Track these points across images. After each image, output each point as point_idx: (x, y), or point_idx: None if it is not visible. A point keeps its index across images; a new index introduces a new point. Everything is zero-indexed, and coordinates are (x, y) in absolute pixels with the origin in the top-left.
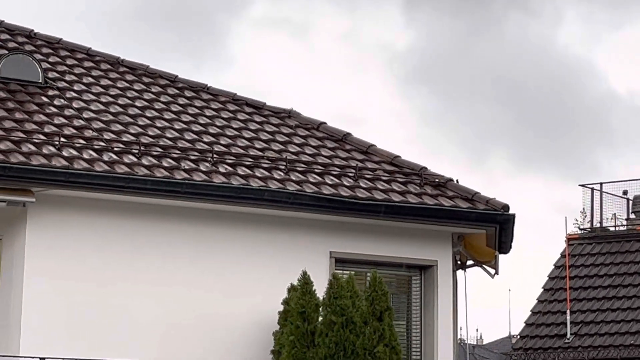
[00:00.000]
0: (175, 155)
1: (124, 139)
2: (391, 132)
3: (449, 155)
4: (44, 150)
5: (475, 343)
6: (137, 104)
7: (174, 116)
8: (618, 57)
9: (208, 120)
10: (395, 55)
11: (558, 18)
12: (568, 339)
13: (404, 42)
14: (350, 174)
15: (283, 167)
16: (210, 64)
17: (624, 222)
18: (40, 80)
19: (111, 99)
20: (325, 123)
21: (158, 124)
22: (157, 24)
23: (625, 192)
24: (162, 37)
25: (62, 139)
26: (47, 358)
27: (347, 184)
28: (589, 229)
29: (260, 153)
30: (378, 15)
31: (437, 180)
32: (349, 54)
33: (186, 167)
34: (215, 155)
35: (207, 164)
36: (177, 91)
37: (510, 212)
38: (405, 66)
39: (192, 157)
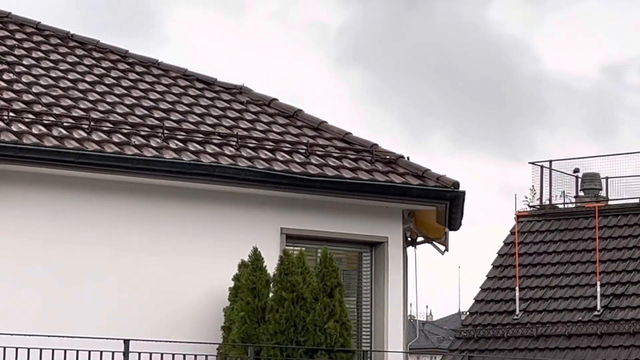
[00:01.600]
0: (125, 131)
1: (74, 114)
2: (329, 111)
3: (388, 134)
4: None
5: (425, 319)
6: (87, 79)
7: (124, 91)
8: (552, 37)
9: (159, 96)
10: (329, 34)
11: None
12: (517, 315)
13: (337, 21)
14: (302, 151)
15: (234, 143)
16: (146, 43)
17: (573, 200)
18: None
19: (61, 74)
20: (276, 99)
21: (108, 99)
22: (91, 3)
23: (576, 170)
24: (96, 15)
25: (11, 114)
26: None
27: (298, 161)
28: (538, 207)
29: (211, 129)
30: None
31: (388, 157)
32: (282, 33)
33: (136, 142)
34: (165, 131)
35: (158, 140)
36: (128, 66)
37: (460, 189)
38: (339, 45)
39: (143, 133)
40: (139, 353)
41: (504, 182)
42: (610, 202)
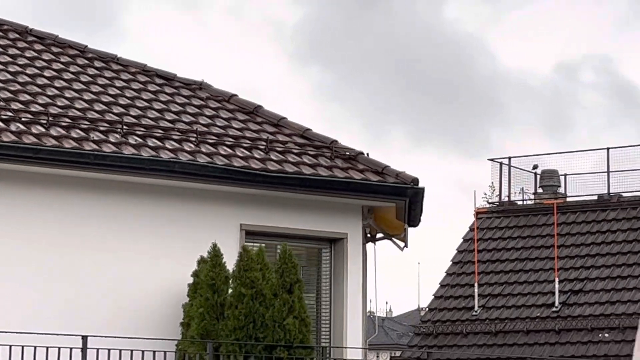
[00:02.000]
0: (84, 126)
1: (32, 109)
2: (287, 107)
3: (346, 131)
4: None
5: (384, 315)
6: (46, 74)
7: (83, 87)
8: (508, 35)
9: (118, 91)
10: (285, 30)
11: None
12: (476, 311)
13: (293, 17)
14: (261, 147)
15: (194, 139)
16: (102, 38)
17: (532, 196)
18: None
19: (19, 69)
20: (236, 95)
21: (67, 95)
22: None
23: (535, 167)
24: (50, 9)
25: None
26: None
27: (258, 157)
28: (497, 203)
29: (170, 125)
30: None
31: (347, 153)
32: (238, 29)
33: (95, 138)
34: (125, 127)
35: (117, 135)
36: (87, 61)
37: (420, 185)
38: (296, 42)
39: (102, 128)
40: (97, 349)
41: (462, 179)
42: (568, 199)
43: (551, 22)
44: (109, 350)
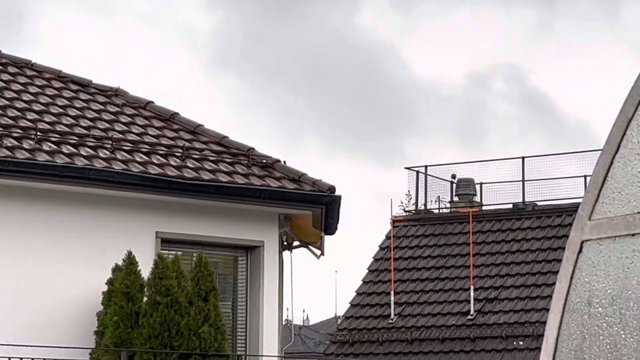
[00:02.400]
0: None
1: None
2: (202, 115)
3: (262, 139)
4: None
5: (301, 324)
6: None
7: None
8: (421, 44)
9: (32, 97)
10: (199, 37)
11: (356, 4)
12: (392, 319)
13: (206, 24)
14: (178, 154)
15: (109, 146)
16: (11, 45)
17: (448, 205)
18: None
19: None
20: (152, 102)
21: None
22: None
23: (453, 176)
24: None
25: None
26: None
27: (174, 164)
28: (414, 211)
29: (85, 131)
30: None
31: (264, 161)
32: (151, 35)
33: (8, 144)
34: (39, 133)
35: (31, 142)
36: (0, 67)
37: (336, 193)
38: (210, 49)
39: (15, 135)
40: (9, 358)
41: (376, 188)
42: (484, 208)
43: (463, 32)
44: (20, 359)
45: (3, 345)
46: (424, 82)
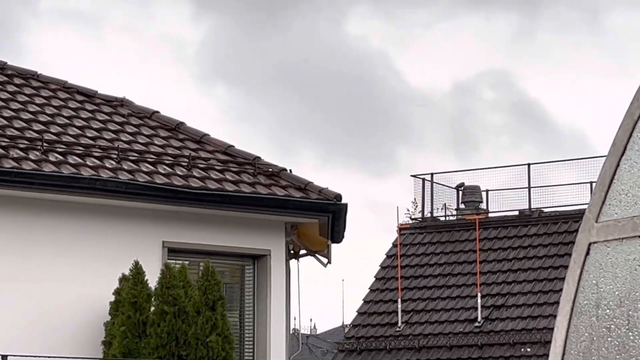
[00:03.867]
0: (3, 144)
1: None
2: (195, 127)
3: (256, 151)
4: None
5: (309, 332)
6: None
7: (2, 104)
8: (411, 53)
9: (38, 108)
10: (186, 50)
11: (342, 13)
12: (399, 327)
13: (194, 36)
14: (184, 163)
15: (115, 156)
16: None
17: (454, 212)
18: None
19: None
20: (158, 112)
21: None
22: None
23: (461, 185)
24: None
25: None
26: None
27: (181, 174)
28: (420, 219)
29: (91, 142)
30: (168, 9)
31: (270, 169)
32: (139, 47)
33: (15, 155)
34: (45, 144)
35: (37, 153)
36: (6, 78)
37: (343, 201)
38: (200, 62)
39: (22, 146)
40: None
41: (369, 197)
42: (490, 215)
43: (447, 40)
44: None
45: (11, 355)
46: (414, 91)
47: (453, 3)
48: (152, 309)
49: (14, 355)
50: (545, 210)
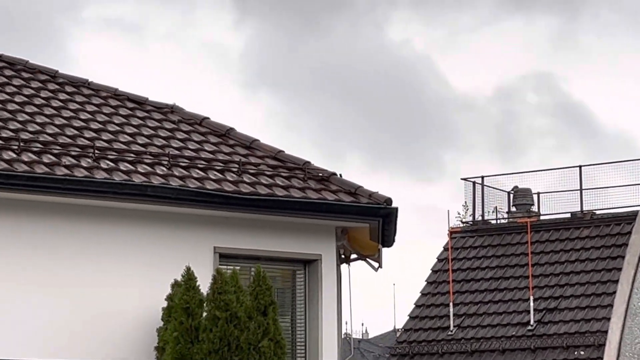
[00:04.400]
0: (56, 152)
1: (3, 134)
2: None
3: (300, 156)
4: None
5: (360, 337)
6: (17, 99)
7: (54, 112)
8: (454, 57)
9: (89, 116)
10: (230, 57)
11: (385, 17)
12: (451, 331)
13: (237, 43)
14: (234, 169)
15: (166, 163)
16: (49, 64)
17: (505, 215)
18: None
19: None
20: (208, 118)
21: (38, 120)
22: None
23: (514, 188)
24: None
25: None
26: None
27: (231, 179)
28: (471, 223)
29: (142, 148)
30: (210, 17)
31: (320, 174)
32: (181, 55)
33: (67, 163)
34: (96, 151)
35: (89, 160)
36: (58, 86)
37: (393, 205)
38: (242, 68)
39: (73, 153)
40: None
41: (416, 201)
42: (541, 217)
43: (489, 44)
44: None
45: None
46: (458, 94)
47: (494, 7)
48: (204, 314)
49: None
50: (597, 212)
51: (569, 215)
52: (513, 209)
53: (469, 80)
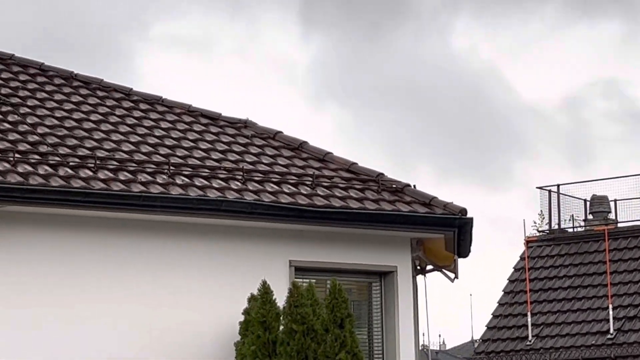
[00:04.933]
0: (131, 169)
1: (80, 153)
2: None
3: (371, 167)
4: None
5: (438, 348)
6: (92, 117)
7: (129, 129)
8: (522, 66)
9: (164, 133)
10: (296, 70)
11: (448, 28)
12: (530, 341)
13: (304, 57)
14: (308, 182)
15: (240, 177)
16: (118, 81)
17: (582, 223)
18: None
19: (65, 114)
20: (281, 132)
21: (114, 138)
22: (61, 48)
23: (593, 197)
24: (66, 61)
25: (17, 155)
26: None
27: (305, 192)
28: (548, 231)
29: (217, 164)
30: (276, 31)
31: (394, 185)
32: (252, 71)
33: (142, 179)
34: (171, 167)
35: (164, 176)
36: (132, 104)
37: (468, 215)
38: (310, 81)
39: (149, 170)
40: None
41: (487, 211)
42: (619, 225)
43: (558, 51)
44: None
45: None
46: (526, 103)
47: (559, 13)
48: (281, 327)
49: None
50: None
51: None
52: (590, 216)
53: (536, 87)
